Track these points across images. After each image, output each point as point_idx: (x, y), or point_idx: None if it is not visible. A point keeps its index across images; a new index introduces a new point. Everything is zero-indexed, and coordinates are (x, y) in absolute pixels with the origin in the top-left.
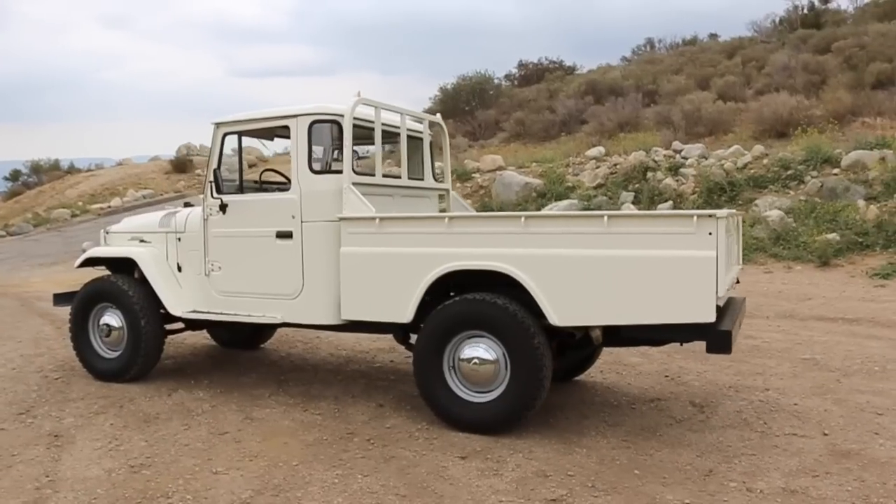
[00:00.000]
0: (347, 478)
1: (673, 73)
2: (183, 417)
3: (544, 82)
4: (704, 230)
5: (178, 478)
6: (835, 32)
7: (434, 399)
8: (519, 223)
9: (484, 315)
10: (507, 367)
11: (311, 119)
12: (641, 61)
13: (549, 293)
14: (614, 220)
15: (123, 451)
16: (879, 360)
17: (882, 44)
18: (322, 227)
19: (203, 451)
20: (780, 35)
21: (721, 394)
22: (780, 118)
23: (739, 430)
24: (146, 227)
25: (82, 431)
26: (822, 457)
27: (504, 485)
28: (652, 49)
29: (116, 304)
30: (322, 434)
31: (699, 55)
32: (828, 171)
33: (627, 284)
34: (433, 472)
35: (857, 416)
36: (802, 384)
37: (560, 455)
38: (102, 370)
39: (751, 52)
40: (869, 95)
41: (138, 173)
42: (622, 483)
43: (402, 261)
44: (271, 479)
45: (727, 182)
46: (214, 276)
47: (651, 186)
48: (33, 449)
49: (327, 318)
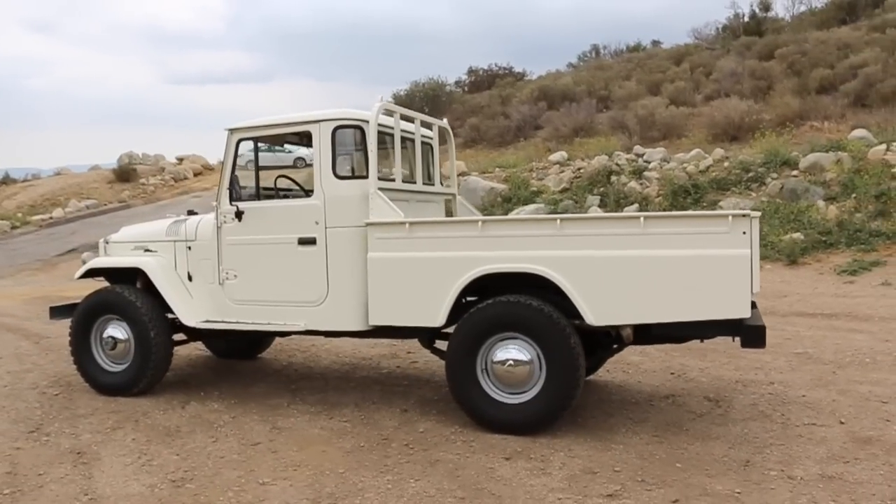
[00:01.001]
0: (399, 483)
1: (623, 79)
2: (206, 430)
3: (495, 88)
4: (738, 229)
5: (226, 490)
6: (776, 39)
7: (468, 401)
8: (554, 226)
9: (520, 317)
10: (541, 367)
11: (335, 124)
12: (591, 67)
13: (585, 294)
14: (650, 220)
15: (158, 466)
16: (868, 353)
17: (822, 51)
18: (347, 232)
19: (241, 462)
20: (723, 42)
21: (730, 388)
22: (732, 122)
23: (760, 422)
24: (152, 235)
25: (105, 447)
26: (845, 444)
27: (556, 483)
28: (598, 56)
29: (122, 316)
30: (357, 441)
31: (647, 61)
32: (787, 173)
33: (663, 283)
34: (482, 474)
35: (865, 405)
36: (802, 377)
37: (600, 452)
38: (107, 384)
39: (697, 58)
40: (815, 100)
41: (79, 183)
42: (669, 476)
43: (434, 265)
44: (322, 487)
45: (691, 185)
46: (229, 284)
47: (616, 190)
48: (59, 467)
49: (354, 324)
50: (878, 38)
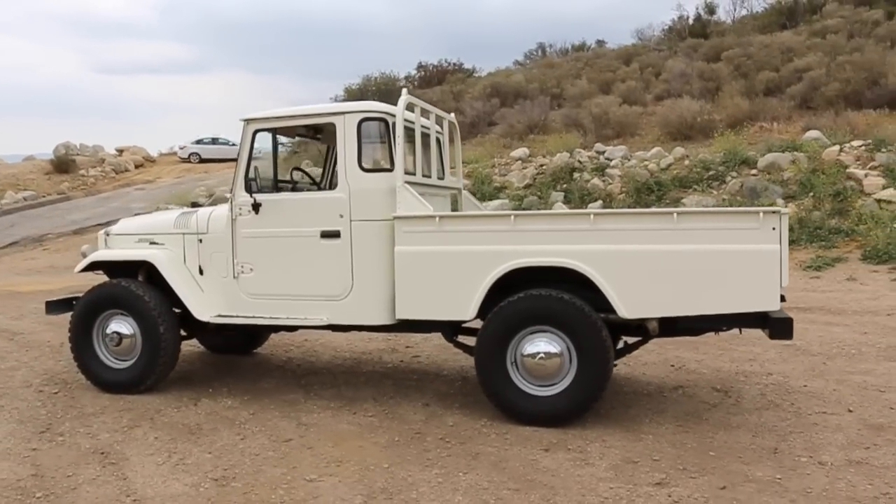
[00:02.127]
0: (449, 476)
1: (574, 78)
2: (229, 427)
3: (446, 84)
4: (769, 225)
5: (275, 488)
6: (722, 42)
7: (498, 394)
8: (588, 220)
9: (552, 310)
10: (571, 360)
11: (360, 116)
12: (540, 65)
13: (618, 287)
14: (683, 216)
15: (193, 465)
16: (852, 344)
17: (767, 54)
18: (373, 225)
19: (280, 459)
20: (670, 43)
21: (733, 379)
22: (685, 121)
23: (773, 412)
24: (158, 228)
25: (128, 447)
26: (860, 431)
27: (602, 473)
28: (544, 54)
29: (129, 311)
30: (391, 435)
31: (595, 61)
32: (746, 172)
33: (694, 277)
34: (527, 466)
35: (865, 394)
36: (797, 368)
37: (632, 442)
38: (111, 381)
39: (646, 59)
40: (763, 102)
41: (14, 174)
42: (707, 464)
43: (465, 259)
44: (372, 482)
45: (654, 182)
46: (245, 278)
47: (580, 186)
48: (86, 468)
49: (379, 318)
50: (820, 42)
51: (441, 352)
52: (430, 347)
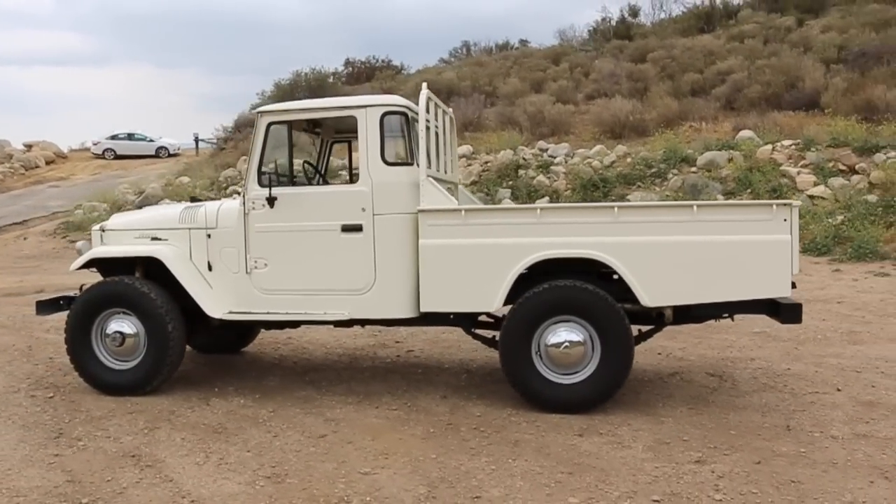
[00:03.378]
0: (500, 463)
1: (505, 76)
2: (254, 425)
3: (376, 81)
4: (780, 217)
5: (333, 482)
6: (647, 44)
7: (524, 383)
8: (612, 213)
9: (578, 300)
10: (593, 349)
11: (383, 110)
12: (469, 64)
13: (641, 277)
14: (702, 209)
15: (237, 464)
16: (816, 330)
17: (690, 56)
18: (396, 219)
19: (324, 454)
20: (596, 44)
21: (723, 364)
22: (618, 120)
23: (771, 393)
24: (161, 223)
25: (157, 448)
26: (855, 407)
27: (641, 454)
28: (469, 52)
29: (133, 309)
30: (425, 427)
31: (524, 60)
32: (686, 170)
33: (712, 265)
34: (569, 450)
35: (845, 375)
36: (773, 353)
37: (656, 425)
38: (112, 383)
39: (574, 59)
40: (691, 102)
41: None
42: (734, 442)
43: (492, 251)
44: (428, 473)
45: (599, 179)
46: (258, 273)
47: (525, 183)
48: (123, 472)
49: (403, 311)
50: (738, 46)
51: (432, 346)
52: (420, 342)
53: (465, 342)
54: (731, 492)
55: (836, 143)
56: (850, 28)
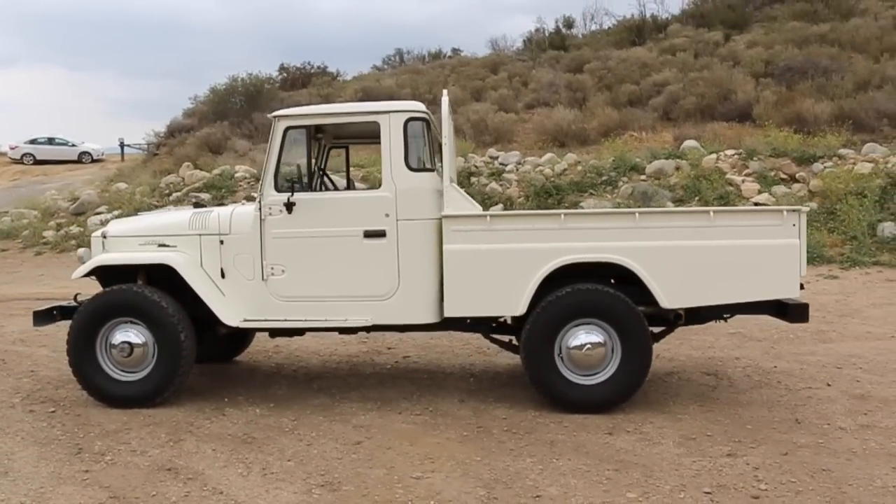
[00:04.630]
0: (545, 463)
1: (444, 85)
2: (280, 434)
3: (313, 87)
4: (790, 222)
5: (391, 488)
6: (582, 55)
7: (547, 384)
8: (633, 219)
9: (600, 303)
10: (613, 350)
11: (406, 116)
12: (407, 71)
13: (660, 280)
14: (718, 214)
15: (283, 474)
16: (785, 330)
17: (626, 68)
18: (419, 224)
19: (369, 461)
20: (531, 54)
21: (713, 363)
22: (561, 129)
23: (768, 389)
24: (169, 228)
25: (190, 460)
26: (850, 400)
27: (674, 449)
28: (402, 60)
29: (143, 319)
30: (457, 431)
31: (461, 69)
32: (636, 178)
33: (726, 268)
34: (606, 449)
35: (829, 371)
36: (754, 352)
37: (676, 422)
38: (120, 396)
39: (512, 68)
40: (630, 112)
41: None
42: (755, 436)
43: (517, 255)
44: (479, 474)
45: (552, 186)
46: (275, 280)
47: (478, 190)
48: (166, 485)
49: (426, 316)
50: (671, 59)
51: (426, 352)
52: (412, 348)
53: (458, 347)
54: (772, 481)
55: (777, 154)
56: (775, 44)
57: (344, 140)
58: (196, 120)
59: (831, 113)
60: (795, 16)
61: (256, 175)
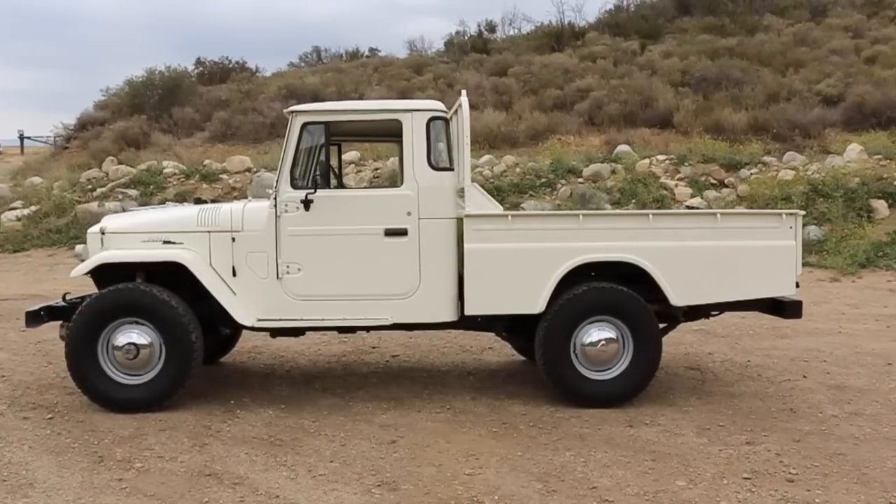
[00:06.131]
0: (586, 456)
1: (367, 84)
2: (307, 436)
3: (233, 83)
4: (787, 224)
5: (450, 485)
6: (505, 59)
7: (564, 380)
8: (647, 220)
9: (615, 301)
10: (625, 346)
11: (429, 115)
12: (330, 69)
13: (670, 278)
14: (724, 217)
15: (333, 475)
16: (744, 328)
17: (549, 73)
18: (441, 223)
19: (412, 459)
20: (454, 56)
21: (692, 359)
22: (490, 132)
23: (753, 382)
24: (176, 225)
25: (227, 465)
26: (829, 391)
27: (696, 439)
28: (320, 58)
29: (150, 319)
30: (486, 428)
31: (384, 69)
32: (573, 180)
33: (731, 267)
34: (634, 440)
35: (799, 364)
36: (723, 348)
37: (684, 414)
38: (124, 400)
39: (437, 70)
40: (557, 116)
41: None
42: (763, 425)
43: (536, 255)
44: (528, 469)
45: (493, 187)
46: (290, 279)
47: None
48: (213, 491)
49: (446, 315)
50: (592, 66)
51: (412, 350)
52: (397, 347)
53: (441, 346)
54: (798, 466)
55: (706, 160)
56: (689, 55)
57: (354, 137)
58: (109, 113)
59: (748, 122)
60: (705, 29)
61: (186, 171)
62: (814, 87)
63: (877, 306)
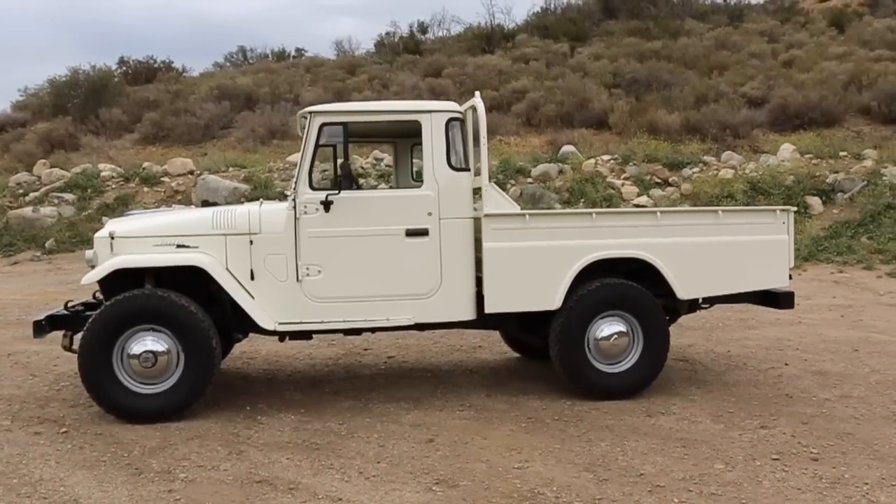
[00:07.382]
0: (621, 445)
1: (302, 84)
2: (340, 438)
3: (160, 83)
4: (780, 220)
5: (504, 479)
6: (438, 60)
7: (580, 374)
8: (655, 217)
9: (627, 296)
10: (635, 340)
11: (448, 116)
12: (260, 69)
13: (676, 273)
14: (725, 213)
15: (387, 475)
16: (712, 320)
17: (484, 74)
18: (461, 223)
19: (458, 456)
20: (387, 57)
21: (677, 352)
22: None
23: (741, 371)
24: (189, 228)
25: (274, 471)
26: (813, 377)
27: (714, 426)
28: (245, 58)
29: (169, 325)
30: (515, 423)
31: (317, 69)
32: (522, 180)
33: (731, 262)
34: (658, 429)
35: (776, 353)
36: (700, 339)
37: (692, 402)
38: (142, 410)
39: (371, 70)
40: (495, 117)
41: None
42: (769, 410)
43: (553, 252)
44: (572, 460)
45: None
46: (310, 281)
47: None
48: (273, 499)
49: (466, 313)
50: (525, 68)
51: (405, 351)
52: (389, 348)
53: (431, 346)
54: (816, 446)
55: (650, 159)
56: (618, 58)
57: (368, 139)
58: (30, 114)
59: (681, 123)
60: (630, 32)
61: (124, 174)
62: (738, 89)
63: (826, 297)
